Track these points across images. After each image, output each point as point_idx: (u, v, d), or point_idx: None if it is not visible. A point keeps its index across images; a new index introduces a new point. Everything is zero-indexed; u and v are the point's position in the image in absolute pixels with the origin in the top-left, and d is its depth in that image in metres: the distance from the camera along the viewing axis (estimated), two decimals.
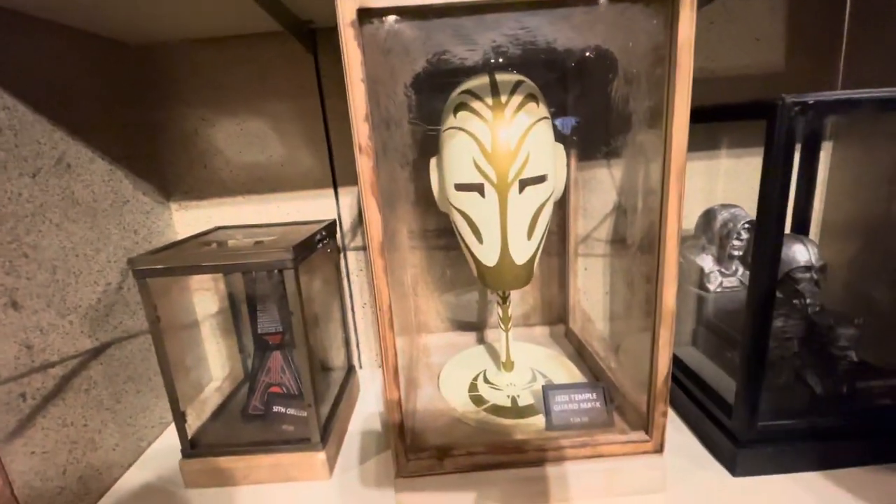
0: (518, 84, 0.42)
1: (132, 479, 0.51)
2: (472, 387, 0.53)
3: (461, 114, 0.42)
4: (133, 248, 0.56)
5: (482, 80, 0.42)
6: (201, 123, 0.62)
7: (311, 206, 0.65)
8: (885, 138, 0.55)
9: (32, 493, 0.41)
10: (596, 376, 0.55)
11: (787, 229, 0.55)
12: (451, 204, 0.44)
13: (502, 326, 0.52)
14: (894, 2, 0.53)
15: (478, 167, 0.40)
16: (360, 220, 0.66)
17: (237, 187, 0.64)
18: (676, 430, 0.52)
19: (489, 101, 0.41)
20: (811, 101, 0.35)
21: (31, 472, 0.41)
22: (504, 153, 0.40)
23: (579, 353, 0.61)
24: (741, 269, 0.53)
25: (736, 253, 0.52)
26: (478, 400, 0.50)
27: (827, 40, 0.60)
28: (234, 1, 0.44)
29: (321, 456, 0.48)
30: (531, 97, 0.41)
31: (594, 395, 0.46)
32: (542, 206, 0.43)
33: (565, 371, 0.55)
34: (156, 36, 0.57)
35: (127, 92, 0.58)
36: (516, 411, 0.48)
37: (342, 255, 0.67)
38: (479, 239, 0.43)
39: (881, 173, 0.55)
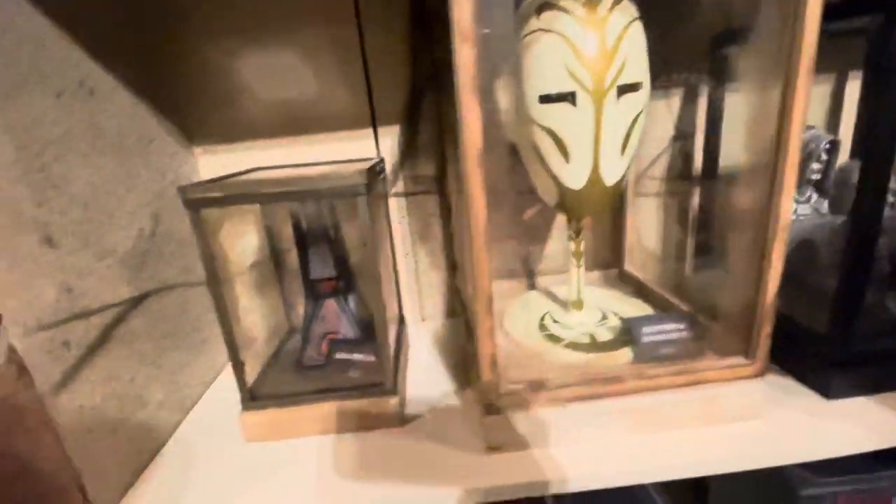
0: None
1: (184, 438, 0.47)
2: (542, 327, 0.50)
3: (547, 14, 0.37)
4: (162, 192, 0.51)
5: None
6: (227, 57, 0.56)
7: (348, 149, 0.60)
8: None
9: (85, 452, 0.36)
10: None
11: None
12: (534, 121, 0.40)
13: (575, 262, 0.49)
14: None
15: (570, 72, 0.37)
16: (401, 163, 0.61)
17: (266, 128, 0.59)
18: None
19: None
20: None
21: (81, 430, 0.36)
22: (601, 55, 0.36)
23: (640, 293, 0.58)
24: (815, 196, 0.51)
25: (814, 177, 0.50)
26: (552, 339, 0.47)
27: None
28: None
29: (394, 402, 0.44)
30: None
31: (682, 324, 0.44)
32: (637, 118, 0.39)
33: (635, 309, 0.53)
34: None
35: (149, 18, 0.51)
36: (597, 346, 0.45)
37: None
38: (566, 157, 0.40)
39: None
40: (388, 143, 0.60)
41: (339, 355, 0.47)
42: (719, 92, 0.52)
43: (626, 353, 0.44)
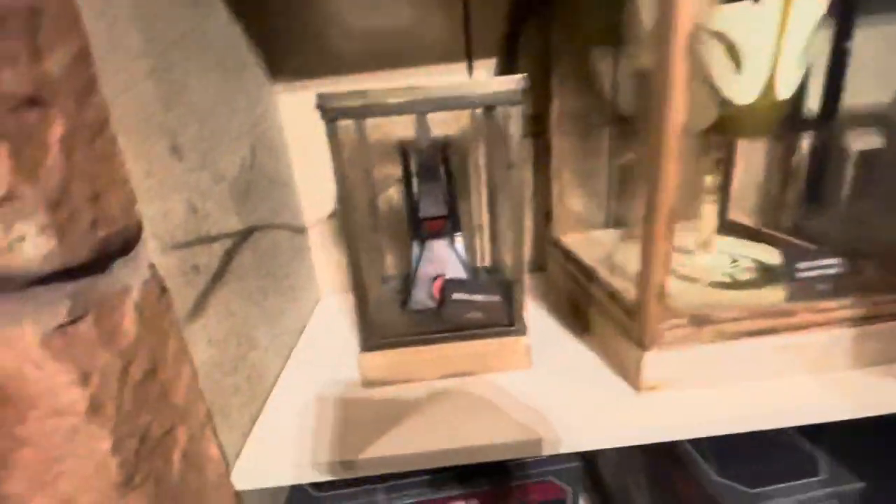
0: None
1: (290, 383, 0.44)
2: (672, 271, 0.46)
3: None
4: (255, 123, 0.47)
5: None
6: None
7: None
8: None
9: (214, 387, 0.33)
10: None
11: None
12: (701, 26, 0.36)
13: (709, 198, 0.45)
14: None
15: None
16: None
17: (352, 63, 0.54)
18: None
19: None
20: None
21: (210, 364, 0.33)
22: None
23: (756, 239, 0.55)
24: None
25: None
26: (688, 279, 0.44)
27: None
28: None
29: (525, 341, 0.41)
30: None
31: (836, 260, 0.40)
32: (817, 24, 0.35)
33: (762, 252, 0.49)
34: None
35: None
36: (741, 285, 0.42)
37: None
38: (738, 66, 0.36)
39: None
40: (484, 77, 0.56)
41: (457, 296, 0.44)
42: (850, 19, 0.48)
43: (775, 292, 0.40)
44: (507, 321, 0.41)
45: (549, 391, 0.39)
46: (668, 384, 0.37)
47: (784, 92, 0.36)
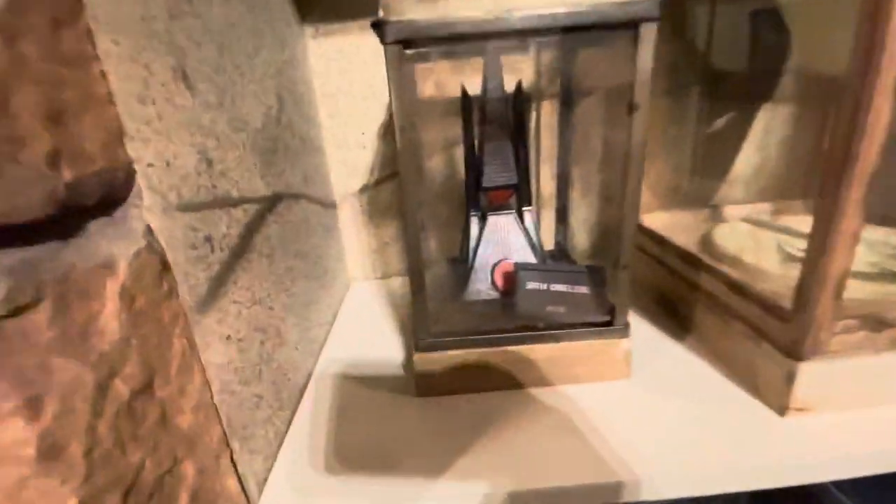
0: None
1: (324, 392, 0.36)
2: (789, 256, 0.37)
3: None
4: (282, 68, 0.38)
5: None
6: None
7: None
8: None
9: (232, 400, 0.25)
10: None
11: None
12: None
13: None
14: None
15: None
16: None
17: None
18: None
19: None
20: None
21: (229, 369, 0.25)
22: None
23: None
24: None
25: None
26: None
27: None
28: None
29: (624, 345, 0.32)
30: None
31: None
32: None
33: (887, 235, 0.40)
34: None
35: None
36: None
37: None
38: None
39: None
40: None
41: (532, 285, 0.35)
42: None
43: None
44: (600, 318, 0.33)
45: (655, 411, 0.30)
46: (823, 405, 0.28)
47: None
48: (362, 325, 0.45)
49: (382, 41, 0.25)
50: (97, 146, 0.17)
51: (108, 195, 0.18)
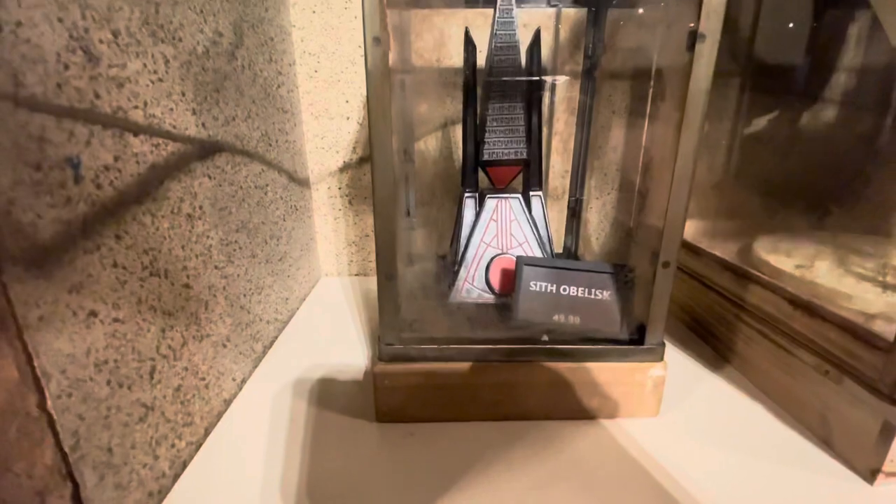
0: None
1: (255, 401, 0.27)
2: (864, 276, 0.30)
3: None
4: (248, 3, 0.31)
5: None
6: None
7: None
8: None
9: (88, 409, 0.17)
10: None
11: None
12: None
13: None
14: None
15: None
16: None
17: None
18: None
19: None
20: None
21: (87, 363, 0.17)
22: None
23: None
24: None
25: None
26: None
27: None
28: None
29: (657, 372, 0.24)
30: None
31: None
32: None
33: None
34: None
35: None
36: None
37: None
38: None
39: None
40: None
41: (537, 285, 0.27)
42: None
43: None
44: (625, 334, 0.25)
45: (690, 464, 0.22)
46: None
47: None
48: (324, 328, 0.37)
49: None
50: None
51: None
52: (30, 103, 0.14)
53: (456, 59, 0.38)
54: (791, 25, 0.39)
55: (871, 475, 0.21)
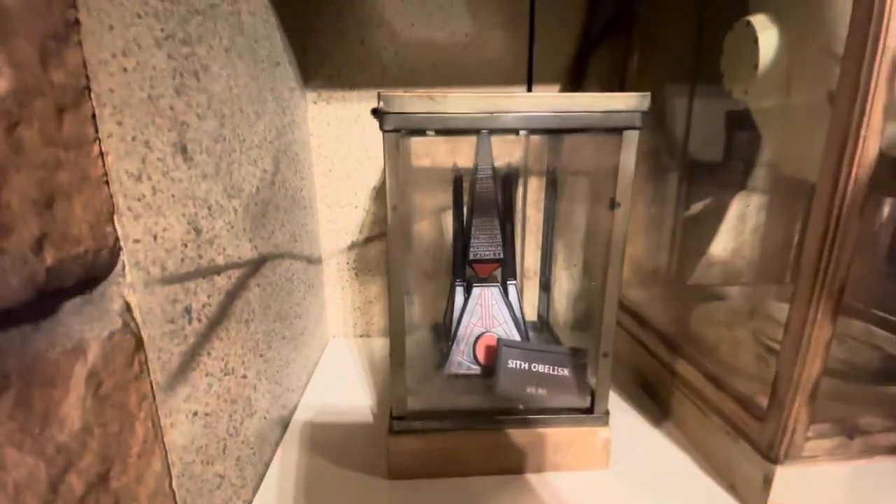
0: None
1: (289, 467, 0.34)
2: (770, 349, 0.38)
3: None
4: (282, 131, 0.39)
5: None
6: None
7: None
8: None
9: (192, 484, 0.23)
10: None
11: None
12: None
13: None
14: None
15: None
16: None
17: (400, 76, 0.47)
18: None
19: None
20: None
21: (192, 449, 0.23)
22: None
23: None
24: None
25: None
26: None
27: None
28: None
29: (604, 434, 0.32)
30: None
31: None
32: None
33: (882, 337, 0.42)
34: None
35: None
36: (867, 376, 0.34)
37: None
38: None
39: None
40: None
41: (513, 363, 0.35)
42: None
43: None
44: (580, 403, 0.32)
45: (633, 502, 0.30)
46: None
47: None
48: (337, 387, 0.44)
49: (381, 128, 0.26)
50: (85, 227, 0.17)
51: (89, 275, 0.17)
52: (168, 279, 0.22)
53: (449, 174, 0.47)
54: (713, 131, 0.48)
55: None
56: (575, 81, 0.48)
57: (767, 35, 0.33)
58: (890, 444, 0.28)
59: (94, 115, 0.17)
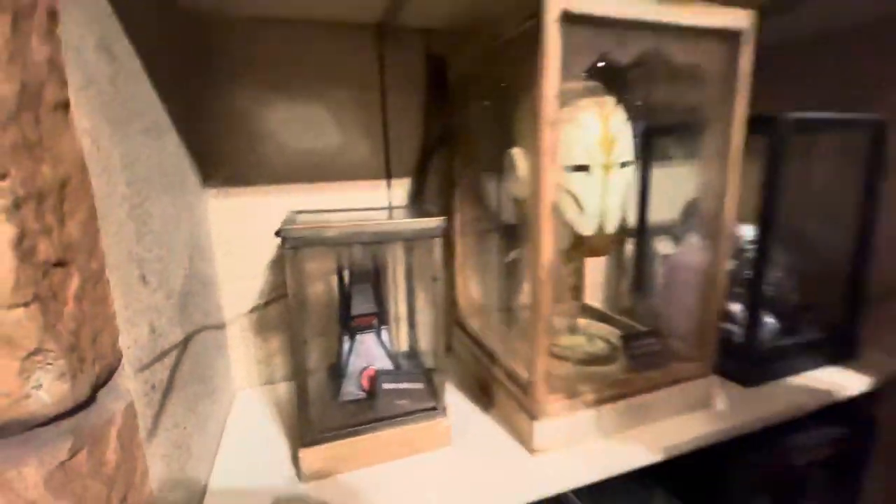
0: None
1: (224, 495, 0.44)
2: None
3: (568, 108, 0.51)
4: (192, 231, 0.50)
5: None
6: (255, 104, 0.58)
7: (362, 197, 0.65)
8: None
9: None
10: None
11: None
12: (560, 185, 0.52)
13: (571, 295, 0.61)
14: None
15: (588, 152, 0.50)
16: (410, 210, 0.68)
17: (288, 174, 0.61)
18: None
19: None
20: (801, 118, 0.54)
21: (163, 481, 0.34)
22: (608, 140, 0.50)
23: (603, 319, 0.73)
24: None
25: None
26: (561, 358, 0.57)
27: None
28: None
29: (446, 422, 0.49)
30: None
31: (656, 339, 0.58)
32: (629, 184, 0.54)
33: (606, 331, 0.66)
34: (223, 10, 0.53)
35: (190, 64, 0.53)
36: (597, 361, 0.57)
37: None
38: (582, 211, 0.52)
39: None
40: (399, 193, 0.67)
41: (387, 386, 0.51)
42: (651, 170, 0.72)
43: (620, 365, 0.56)
44: (431, 405, 0.49)
45: (467, 464, 0.47)
46: (554, 448, 0.48)
47: (610, 227, 0.53)
48: (249, 431, 0.55)
49: (282, 246, 0.40)
50: (108, 348, 0.28)
51: (110, 374, 0.29)
52: (143, 367, 0.33)
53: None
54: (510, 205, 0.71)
55: (532, 452, 0.48)
56: (421, 177, 0.67)
57: (521, 160, 0.55)
58: (598, 398, 0.49)
59: (108, 281, 0.29)
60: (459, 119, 0.64)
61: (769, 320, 0.66)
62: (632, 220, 0.77)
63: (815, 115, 0.57)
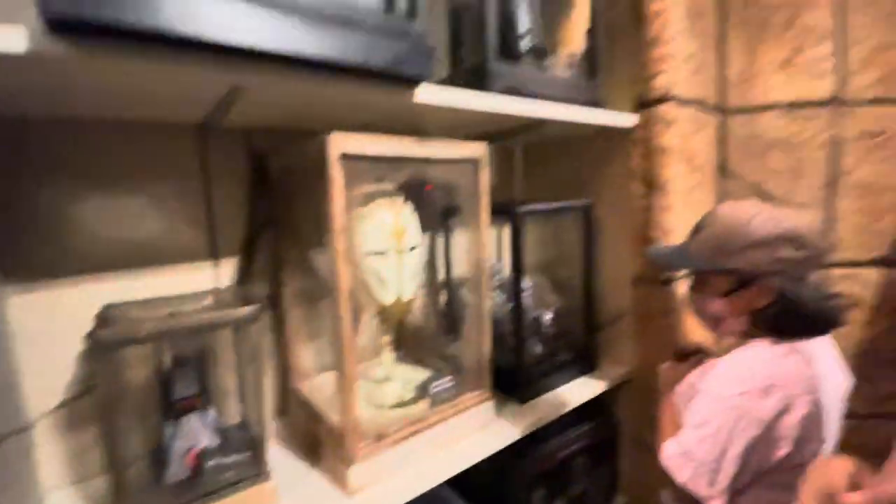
0: None
1: None
2: (367, 397, 0.71)
3: (369, 206, 0.65)
4: None
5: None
6: (65, 198, 0.59)
7: (186, 280, 0.69)
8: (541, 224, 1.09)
9: None
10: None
11: None
12: (364, 266, 0.65)
13: (387, 350, 0.73)
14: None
15: (384, 239, 0.64)
16: (238, 287, 0.74)
17: (102, 263, 0.62)
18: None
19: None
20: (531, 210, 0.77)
21: None
22: (400, 230, 0.65)
23: (418, 363, 0.87)
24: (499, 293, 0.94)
25: (497, 284, 0.92)
26: (376, 406, 0.69)
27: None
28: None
29: (270, 485, 0.56)
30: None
31: (450, 377, 0.73)
32: (418, 263, 0.69)
33: (419, 374, 0.80)
34: (33, 110, 0.54)
35: None
36: (407, 403, 0.70)
37: None
38: (384, 285, 0.65)
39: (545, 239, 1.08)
40: (227, 272, 0.72)
41: (213, 462, 0.55)
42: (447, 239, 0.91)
43: (425, 403, 0.70)
44: (256, 472, 0.56)
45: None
46: (369, 485, 0.59)
47: (406, 297, 0.68)
48: None
49: (92, 351, 0.44)
50: None
51: None
52: None
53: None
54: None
55: (351, 493, 0.58)
56: (249, 256, 0.74)
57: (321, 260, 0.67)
58: (397, 437, 0.62)
59: None
60: (282, 206, 0.74)
61: (537, 348, 0.89)
62: (441, 275, 0.95)
63: (541, 206, 0.82)
